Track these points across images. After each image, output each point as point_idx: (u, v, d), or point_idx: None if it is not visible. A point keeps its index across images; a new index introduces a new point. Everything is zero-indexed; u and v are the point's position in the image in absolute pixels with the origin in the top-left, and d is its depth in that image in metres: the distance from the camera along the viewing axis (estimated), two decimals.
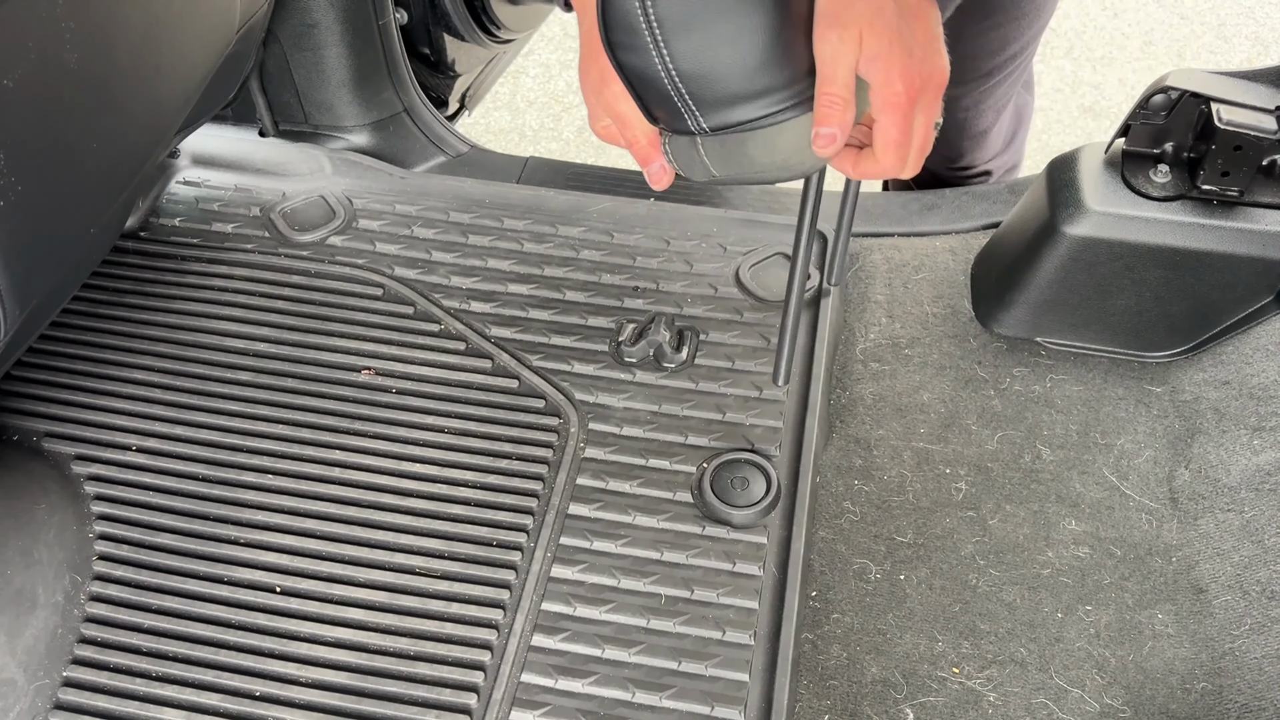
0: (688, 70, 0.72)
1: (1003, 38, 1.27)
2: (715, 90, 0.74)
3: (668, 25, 0.70)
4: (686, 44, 0.71)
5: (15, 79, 0.81)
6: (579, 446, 1.12)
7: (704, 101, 0.74)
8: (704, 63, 0.72)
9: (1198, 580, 1.06)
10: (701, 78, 0.73)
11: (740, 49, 0.72)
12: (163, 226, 1.33)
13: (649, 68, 0.73)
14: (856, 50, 0.72)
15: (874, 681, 1.01)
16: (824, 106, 0.73)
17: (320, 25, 1.38)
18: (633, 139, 0.80)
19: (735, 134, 0.75)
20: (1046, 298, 1.19)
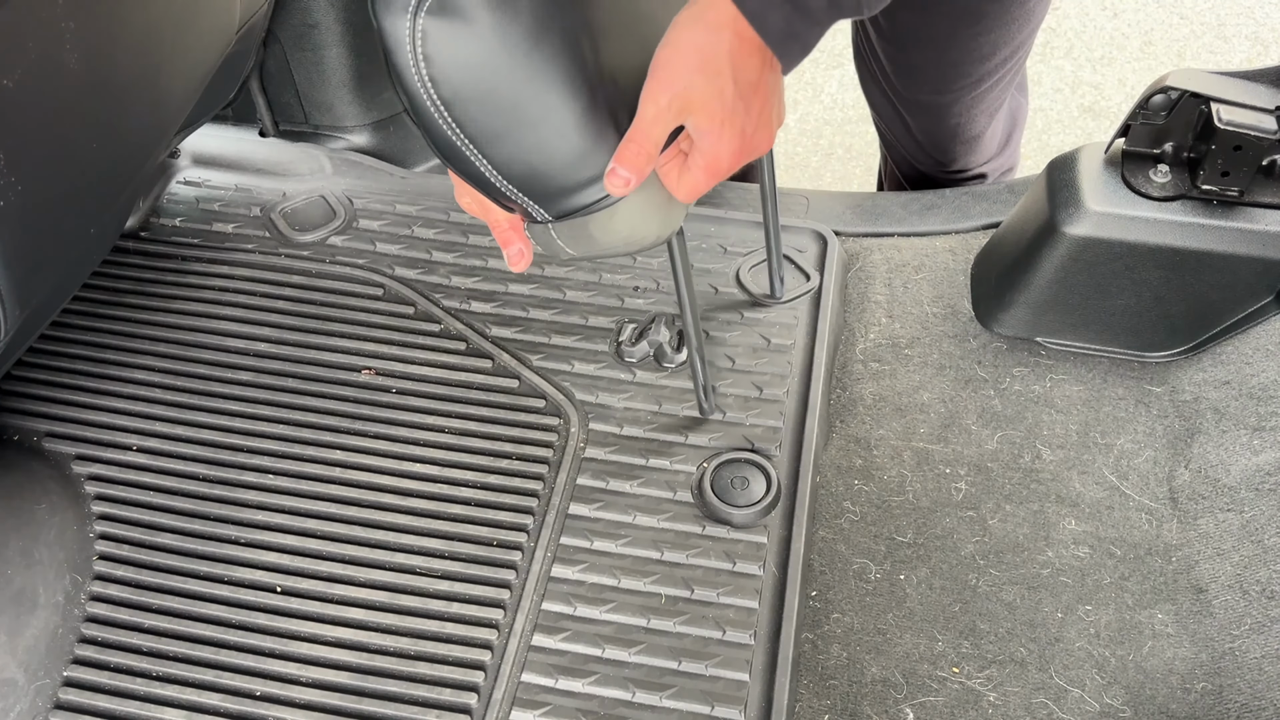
0: (513, 173, 0.77)
1: (993, 43, 1.27)
2: (545, 185, 0.78)
3: (480, 141, 0.75)
4: (502, 152, 0.75)
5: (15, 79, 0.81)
6: (579, 446, 1.12)
7: (538, 195, 0.78)
8: (525, 165, 0.76)
9: (1198, 580, 1.06)
10: (527, 177, 0.77)
11: (553, 149, 0.76)
12: (163, 226, 1.33)
13: (478, 175, 0.77)
14: (678, 118, 0.75)
15: (874, 681, 1.01)
16: (626, 151, 0.76)
17: (320, 25, 1.38)
18: (494, 221, 0.84)
19: (578, 218, 0.80)
20: (1046, 298, 1.19)
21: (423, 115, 0.74)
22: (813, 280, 1.26)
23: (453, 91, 0.72)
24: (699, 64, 0.73)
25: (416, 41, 0.70)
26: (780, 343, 1.20)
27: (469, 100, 0.73)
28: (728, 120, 0.75)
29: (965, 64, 1.30)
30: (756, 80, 0.75)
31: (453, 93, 0.72)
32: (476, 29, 0.70)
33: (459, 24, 0.70)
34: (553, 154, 0.76)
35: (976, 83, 1.33)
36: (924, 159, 1.49)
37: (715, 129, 0.75)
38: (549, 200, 0.79)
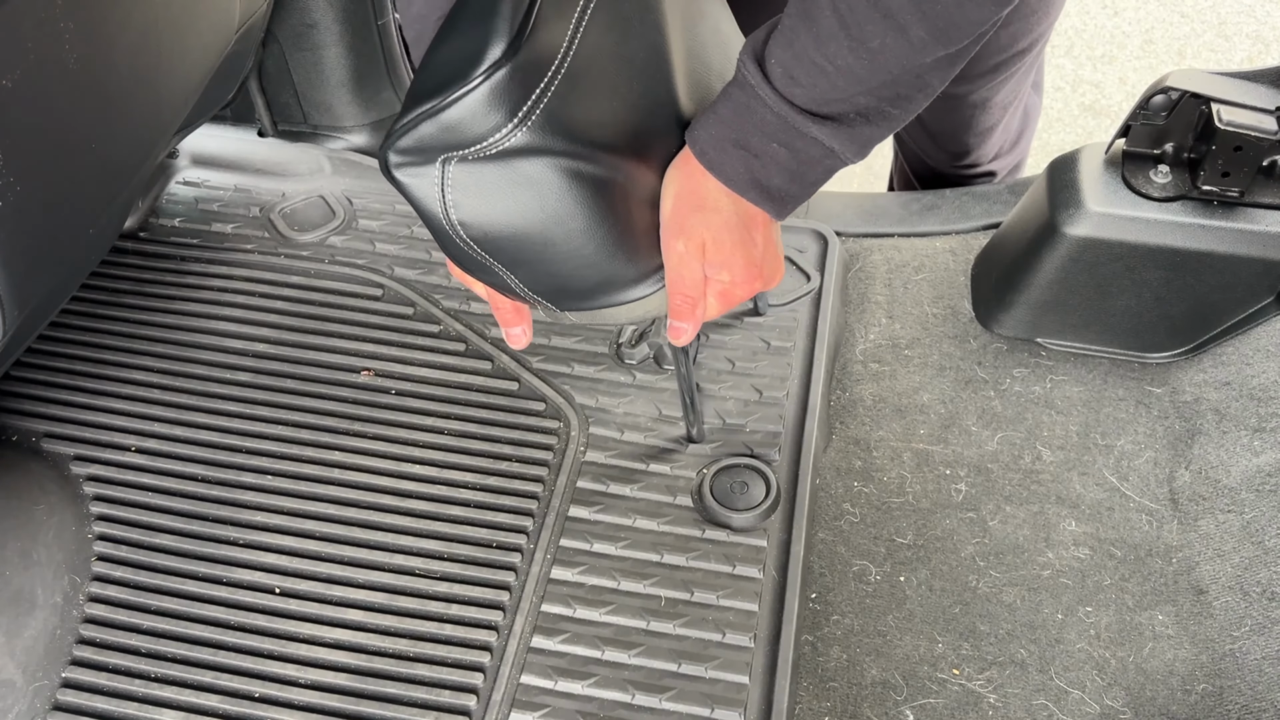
0: (539, 288, 0.78)
1: (1011, 34, 1.27)
2: (568, 297, 0.80)
3: (508, 263, 0.76)
4: (531, 274, 0.77)
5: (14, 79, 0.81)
6: (579, 449, 1.12)
7: (559, 302, 0.80)
8: (552, 284, 0.78)
9: (1198, 581, 1.06)
10: (553, 291, 0.79)
11: (582, 276, 0.77)
12: (162, 227, 1.33)
13: (503, 286, 0.79)
14: (701, 256, 0.77)
15: (874, 683, 1.01)
16: (676, 305, 0.80)
17: (319, 25, 1.38)
18: (498, 305, 0.86)
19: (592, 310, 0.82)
20: (1047, 298, 1.19)
21: (449, 246, 0.75)
22: (813, 281, 1.26)
23: (483, 232, 0.72)
24: (697, 204, 0.76)
25: (445, 190, 0.70)
26: (780, 344, 1.20)
27: (499, 238, 0.73)
28: (736, 250, 0.77)
29: (983, 54, 1.30)
30: (756, 214, 0.77)
31: (483, 233, 0.73)
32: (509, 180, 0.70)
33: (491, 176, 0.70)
34: (582, 277, 0.77)
35: (992, 72, 1.33)
36: (936, 153, 1.49)
37: (725, 260, 0.77)
38: (570, 303, 0.81)
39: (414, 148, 0.69)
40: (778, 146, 0.72)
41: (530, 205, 0.71)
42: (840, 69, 0.67)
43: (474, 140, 0.68)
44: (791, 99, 0.70)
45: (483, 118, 0.67)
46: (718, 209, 0.75)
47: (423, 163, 0.69)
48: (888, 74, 0.68)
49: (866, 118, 0.71)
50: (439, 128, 0.67)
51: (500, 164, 0.69)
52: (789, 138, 0.71)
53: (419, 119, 0.67)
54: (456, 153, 0.69)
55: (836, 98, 0.69)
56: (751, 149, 0.72)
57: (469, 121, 0.67)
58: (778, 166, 0.73)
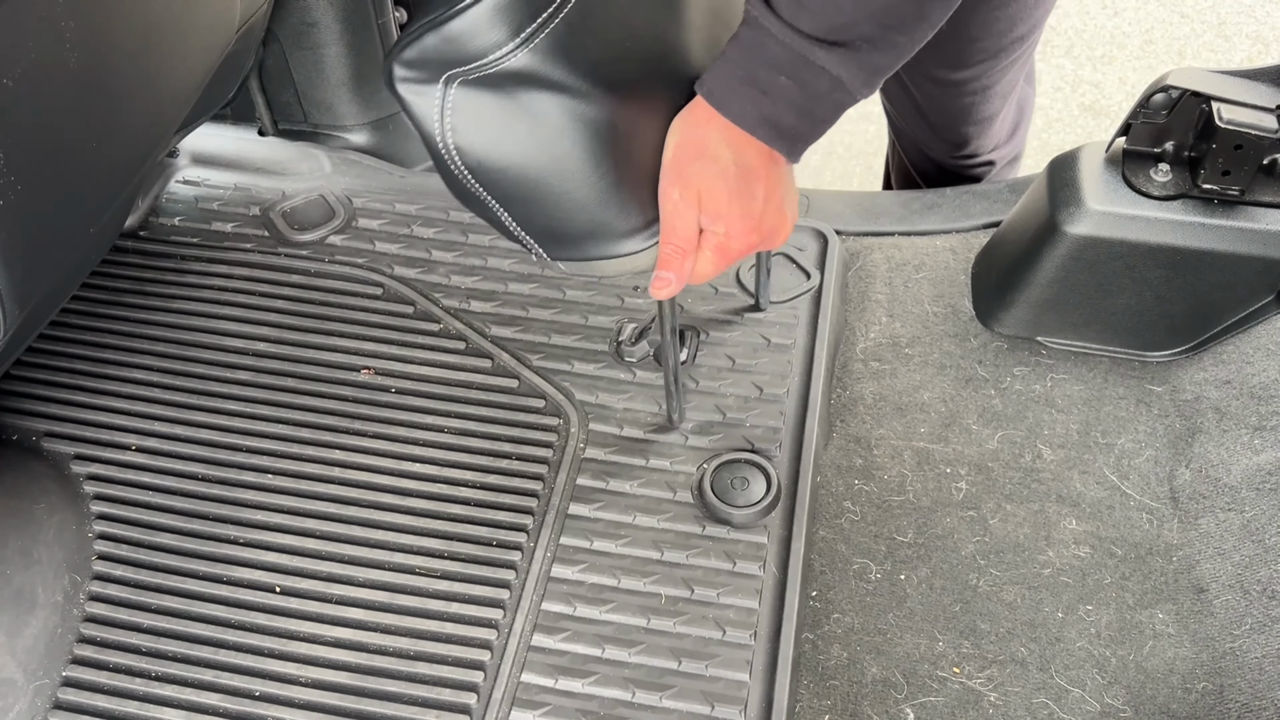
0: (532, 228, 0.79)
1: (1010, 18, 1.28)
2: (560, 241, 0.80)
3: (503, 200, 0.76)
4: (524, 211, 0.77)
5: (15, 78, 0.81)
6: (579, 446, 1.12)
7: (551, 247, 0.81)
8: (545, 224, 0.78)
9: (1198, 580, 1.06)
10: (545, 233, 0.79)
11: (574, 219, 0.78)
12: (162, 226, 1.33)
13: (497, 222, 0.79)
14: (696, 206, 0.77)
15: (874, 681, 1.01)
16: (666, 254, 0.79)
17: (320, 24, 1.38)
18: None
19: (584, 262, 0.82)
20: (1047, 297, 1.19)
21: (445, 172, 0.75)
22: (813, 279, 1.26)
23: (478, 161, 0.73)
24: (697, 153, 0.76)
25: (445, 112, 0.70)
26: (780, 342, 1.20)
27: (494, 169, 0.73)
28: (733, 201, 0.76)
29: (982, 39, 1.30)
30: (758, 165, 0.76)
31: (478, 162, 0.73)
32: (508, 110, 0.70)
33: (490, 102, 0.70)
34: (573, 221, 0.78)
35: (993, 59, 1.33)
36: (935, 143, 1.49)
37: (720, 211, 0.77)
38: (561, 251, 0.81)
39: (417, 60, 0.69)
40: (786, 80, 0.71)
41: (527, 139, 0.71)
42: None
43: (475, 56, 0.67)
44: (797, 25, 0.70)
45: (485, 32, 0.67)
46: (716, 158, 0.75)
47: (425, 80, 0.69)
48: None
49: (873, 44, 0.70)
50: (441, 39, 0.67)
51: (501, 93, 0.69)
52: (796, 68, 0.71)
53: (423, 28, 0.67)
54: (459, 72, 0.68)
55: (842, 22, 0.69)
56: (760, 85, 0.72)
57: (471, 34, 0.67)
58: (786, 102, 0.72)
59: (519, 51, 0.67)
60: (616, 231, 0.79)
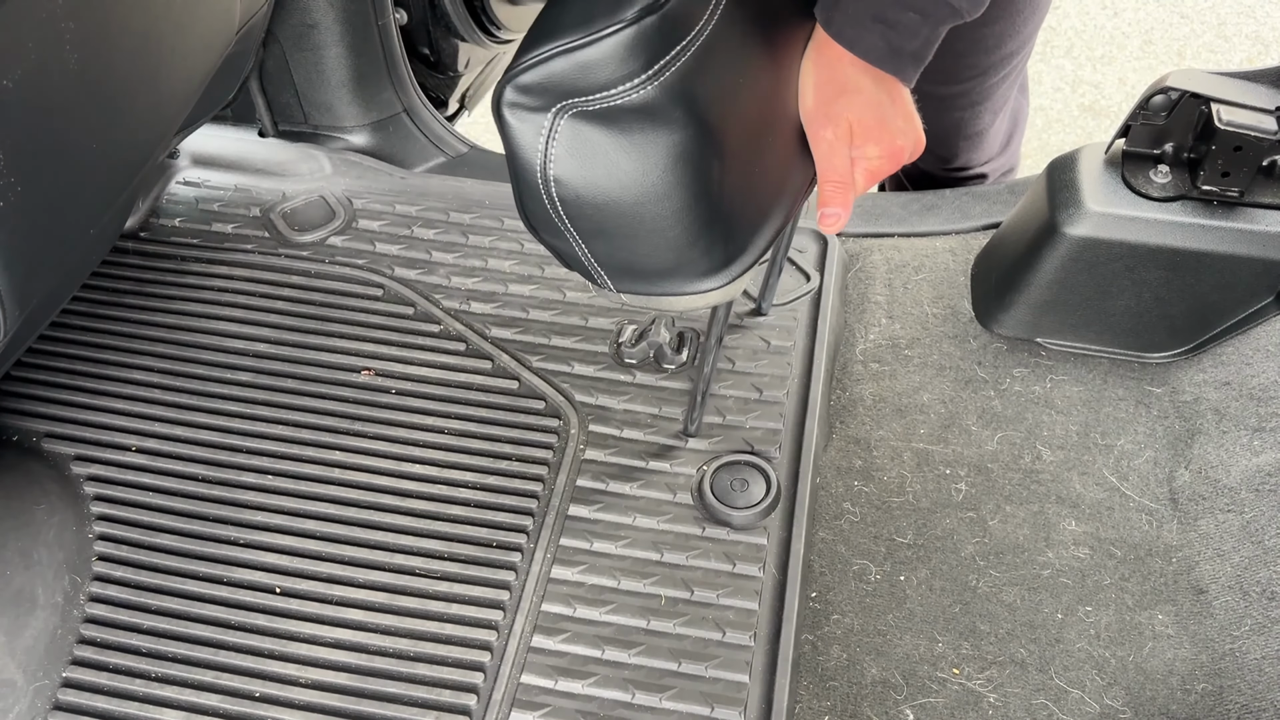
0: (609, 264, 0.78)
1: (997, 35, 1.27)
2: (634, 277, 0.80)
3: (585, 235, 0.75)
4: (605, 246, 0.76)
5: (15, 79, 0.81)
6: (579, 448, 1.12)
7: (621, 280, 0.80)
8: (624, 261, 0.78)
9: (1198, 581, 1.06)
10: (620, 269, 0.79)
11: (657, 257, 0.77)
12: (162, 227, 1.33)
13: (572, 255, 0.78)
14: (848, 139, 0.81)
15: (874, 682, 1.01)
16: (828, 192, 0.83)
17: (320, 25, 1.38)
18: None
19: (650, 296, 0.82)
20: (1046, 298, 1.19)
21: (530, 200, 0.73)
22: (813, 281, 1.26)
23: (574, 194, 0.71)
24: (839, 89, 0.79)
25: (550, 143, 0.69)
26: (780, 344, 1.20)
27: (587, 204, 0.72)
28: (881, 126, 0.80)
29: (971, 55, 1.30)
30: (891, 88, 0.81)
31: (574, 195, 0.71)
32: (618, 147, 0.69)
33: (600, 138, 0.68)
34: (656, 259, 0.77)
35: (981, 75, 1.33)
36: (926, 156, 1.49)
37: (872, 136, 0.80)
38: (632, 285, 0.81)
39: (536, 85, 0.67)
40: (913, 14, 0.75)
41: (630, 176, 0.70)
42: None
43: (601, 86, 0.66)
44: None
45: (619, 63, 0.65)
46: (860, 89, 0.79)
47: (537, 108, 0.67)
48: None
49: None
50: (573, 65, 0.65)
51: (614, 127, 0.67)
52: (924, 3, 0.75)
53: (552, 53, 0.65)
54: (575, 102, 0.66)
55: None
56: (889, 20, 0.76)
57: (603, 64, 0.65)
58: (910, 33, 0.76)
59: (646, 86, 0.66)
60: (697, 270, 0.78)
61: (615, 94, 0.66)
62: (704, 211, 0.74)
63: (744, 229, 0.80)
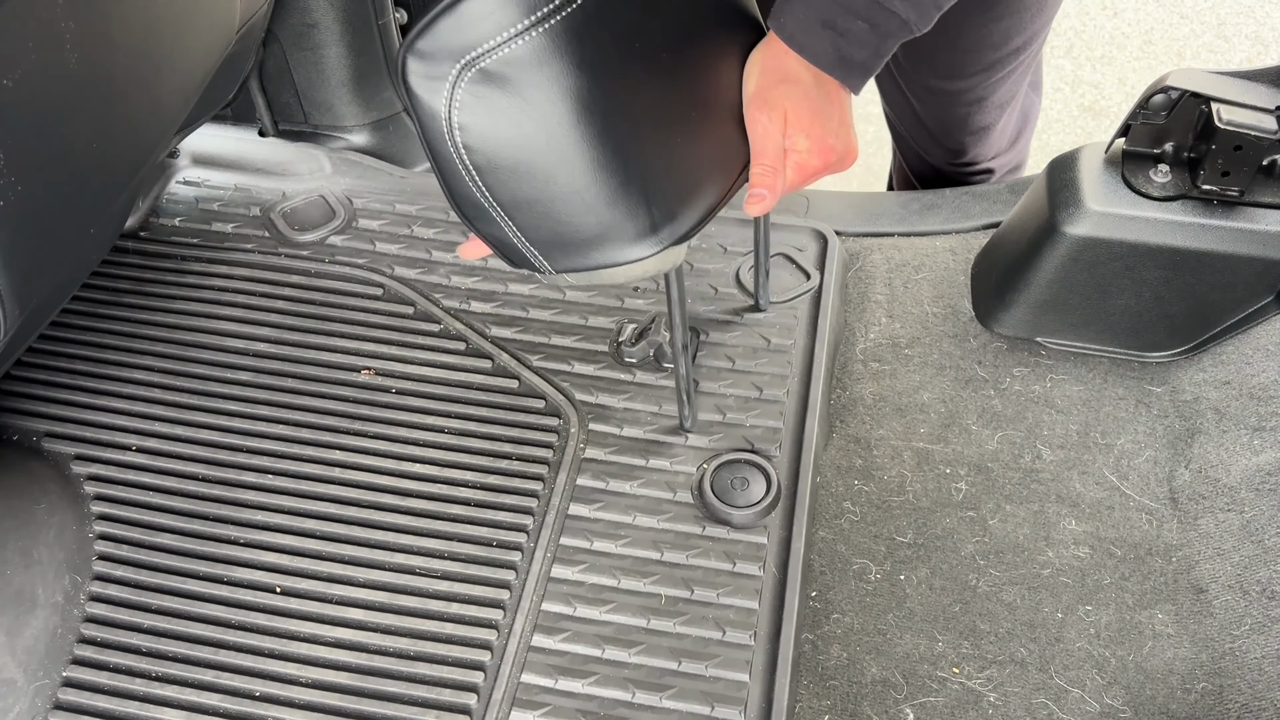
0: (537, 238, 0.78)
1: (1004, 31, 1.27)
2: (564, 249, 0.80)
3: (508, 206, 0.75)
4: (530, 218, 0.76)
5: (15, 79, 0.81)
6: (579, 447, 1.12)
7: (555, 256, 0.81)
8: (551, 232, 0.77)
9: (1198, 580, 1.06)
10: (550, 242, 0.79)
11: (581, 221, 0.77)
12: (162, 226, 1.33)
13: (502, 237, 0.79)
14: (782, 125, 0.83)
15: (874, 682, 1.01)
16: (758, 174, 0.85)
17: (320, 25, 1.38)
18: None
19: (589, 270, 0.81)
20: (1047, 298, 1.19)
21: (451, 177, 0.74)
22: (813, 280, 1.26)
23: (486, 159, 0.72)
24: (781, 78, 0.82)
25: (453, 108, 0.69)
26: (780, 343, 1.20)
27: (501, 168, 0.72)
28: (815, 119, 0.82)
29: (977, 51, 1.30)
30: (832, 91, 0.83)
31: (486, 160, 0.72)
32: (518, 103, 0.69)
33: (500, 96, 0.69)
34: (580, 225, 0.76)
35: (988, 71, 1.33)
36: (934, 150, 1.49)
37: (804, 128, 0.82)
38: (566, 260, 0.81)
39: (430, 49, 0.68)
40: (862, 23, 0.77)
41: (536, 134, 0.70)
42: None
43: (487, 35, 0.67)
44: None
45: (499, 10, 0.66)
46: (799, 80, 0.81)
47: (437, 74, 0.68)
48: None
49: None
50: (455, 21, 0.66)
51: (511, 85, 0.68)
52: (872, 13, 0.77)
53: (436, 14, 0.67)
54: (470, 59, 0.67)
55: None
56: (838, 28, 0.78)
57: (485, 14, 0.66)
58: (859, 42, 0.79)
59: (532, 32, 0.67)
60: (626, 234, 0.78)
61: (501, 43, 0.67)
62: (619, 170, 0.74)
63: (670, 195, 0.80)
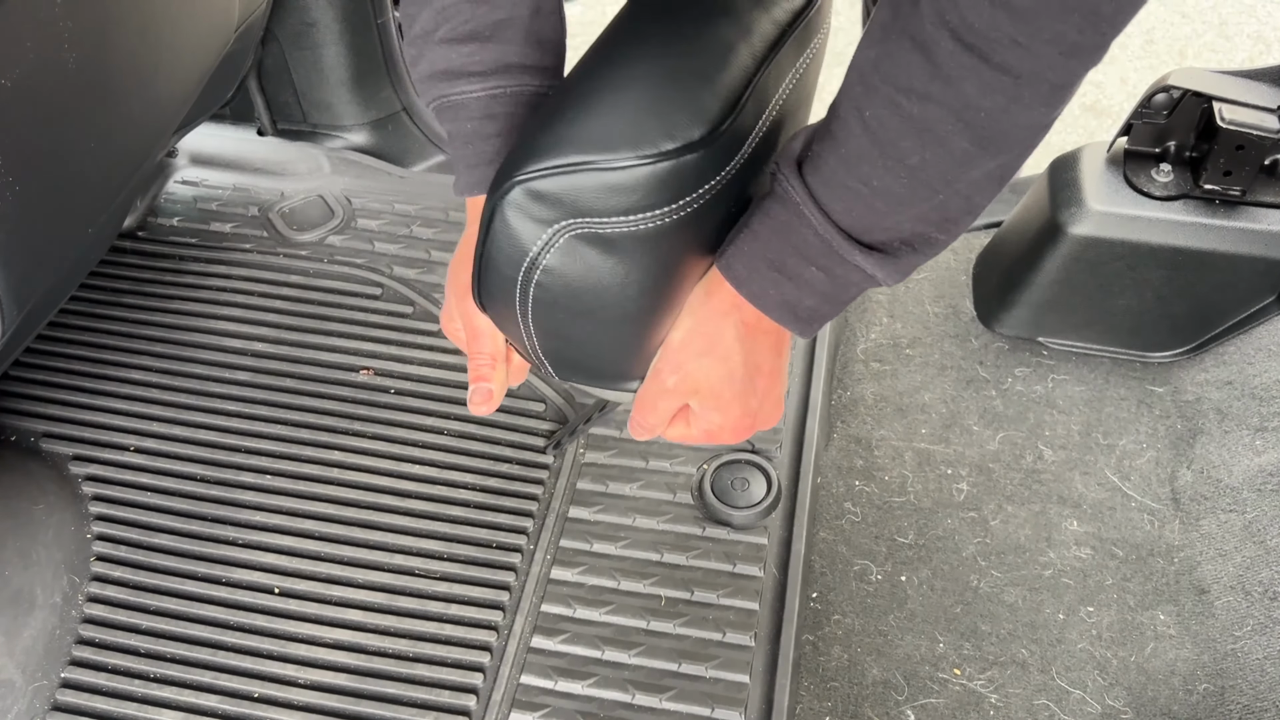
0: (556, 360, 0.74)
1: None
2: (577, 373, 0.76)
3: (540, 333, 0.71)
4: (555, 345, 0.72)
5: (14, 79, 0.80)
6: (579, 451, 1.11)
7: (565, 375, 0.76)
8: (571, 359, 0.74)
9: (1200, 581, 1.06)
10: (566, 365, 0.75)
11: (601, 361, 0.74)
12: (161, 226, 1.33)
13: (523, 348, 0.74)
14: (683, 398, 0.72)
15: (875, 683, 1.01)
16: (634, 426, 0.75)
17: (319, 24, 1.38)
18: (476, 351, 0.80)
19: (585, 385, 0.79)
20: (1048, 297, 1.19)
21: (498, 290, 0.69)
22: None
23: (551, 296, 0.67)
24: (706, 348, 0.71)
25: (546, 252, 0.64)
26: None
27: (557, 306, 0.68)
28: (734, 401, 0.72)
29: None
30: (765, 361, 0.73)
31: (549, 296, 0.67)
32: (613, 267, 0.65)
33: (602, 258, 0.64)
34: (596, 362, 0.74)
35: None
36: None
37: (720, 408, 0.73)
38: (570, 377, 0.77)
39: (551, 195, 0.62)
40: (816, 271, 0.65)
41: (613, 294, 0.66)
42: (877, 191, 0.60)
43: (618, 212, 0.61)
44: (838, 221, 0.63)
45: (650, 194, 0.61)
46: (726, 359, 0.71)
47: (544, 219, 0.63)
48: (931, 192, 0.60)
49: (913, 246, 0.64)
50: (599, 185, 0.61)
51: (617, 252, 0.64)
52: (830, 263, 0.65)
53: (580, 169, 0.61)
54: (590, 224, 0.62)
55: (878, 224, 0.63)
56: (787, 272, 0.66)
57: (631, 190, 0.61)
58: (812, 290, 0.67)
59: (656, 220, 0.62)
60: (630, 375, 0.75)
61: (631, 221, 0.62)
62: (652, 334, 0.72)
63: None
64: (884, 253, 0.64)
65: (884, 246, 0.64)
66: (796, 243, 0.65)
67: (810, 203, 0.63)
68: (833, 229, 0.63)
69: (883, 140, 0.58)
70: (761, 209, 0.66)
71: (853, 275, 0.65)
